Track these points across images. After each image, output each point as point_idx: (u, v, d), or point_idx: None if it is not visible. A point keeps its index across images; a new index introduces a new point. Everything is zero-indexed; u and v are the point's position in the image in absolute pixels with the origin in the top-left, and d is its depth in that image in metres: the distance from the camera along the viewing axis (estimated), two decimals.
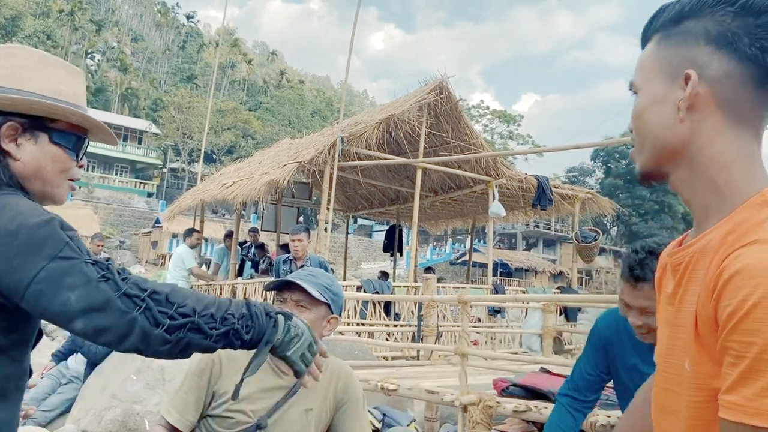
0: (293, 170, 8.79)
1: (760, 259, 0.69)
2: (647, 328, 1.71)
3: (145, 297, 1.01)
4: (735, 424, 0.69)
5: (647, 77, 0.87)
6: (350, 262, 22.50)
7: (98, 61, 68.23)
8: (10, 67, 1.15)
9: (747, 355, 0.68)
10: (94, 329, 0.99)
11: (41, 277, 0.97)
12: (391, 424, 4.43)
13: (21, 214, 1.01)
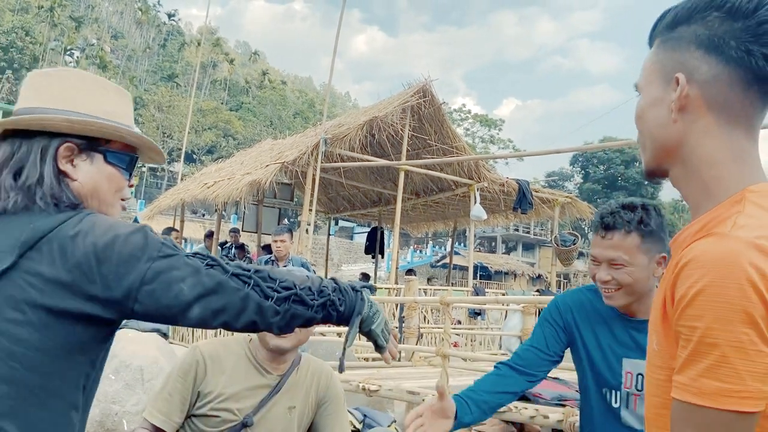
0: (276, 171, 8.76)
1: (708, 249, 0.74)
2: (616, 283, 1.67)
3: (251, 275, 1.08)
4: (680, 402, 0.74)
5: (647, 80, 0.90)
6: (331, 263, 22.45)
7: (77, 58, 67.28)
8: (63, 89, 1.18)
9: (692, 339, 0.73)
10: (212, 312, 1.05)
11: (149, 277, 1.02)
12: (371, 424, 4.43)
13: (113, 227, 1.06)
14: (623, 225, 1.65)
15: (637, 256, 1.65)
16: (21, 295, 1.00)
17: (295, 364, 1.95)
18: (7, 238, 1.03)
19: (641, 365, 1.69)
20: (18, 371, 0.99)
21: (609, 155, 49.32)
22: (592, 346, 1.78)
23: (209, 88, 75.10)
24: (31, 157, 1.12)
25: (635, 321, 1.74)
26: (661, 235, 1.68)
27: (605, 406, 1.76)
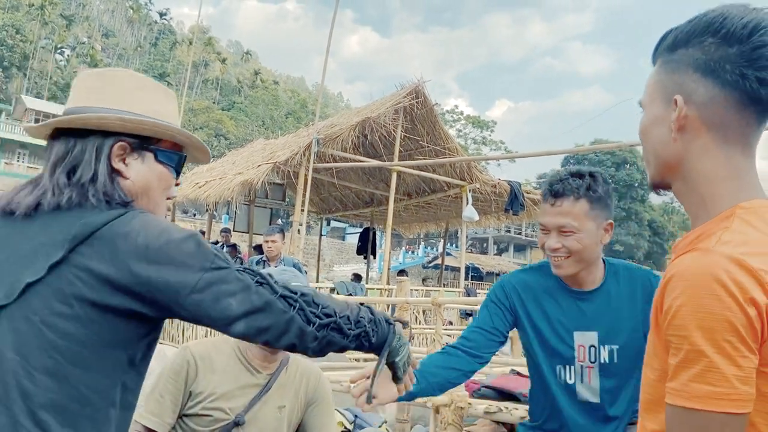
0: (268, 171, 8.75)
1: (691, 264, 0.80)
2: (566, 250, 1.68)
3: (298, 298, 1.09)
4: (674, 407, 0.79)
5: (650, 98, 0.95)
6: (323, 264, 22.43)
7: (68, 56, 66.89)
8: (115, 89, 1.20)
9: (681, 348, 0.78)
10: (256, 329, 1.06)
11: (200, 287, 1.03)
12: (362, 425, 4.43)
13: (166, 230, 1.06)
14: (572, 192, 1.67)
15: (586, 223, 1.67)
16: (69, 289, 1.01)
17: (284, 363, 1.96)
18: (58, 233, 1.04)
19: (592, 337, 1.72)
20: (61, 365, 1.00)
21: (600, 157, 49.58)
22: (542, 323, 1.78)
23: (201, 88, 74.84)
24: (85, 155, 1.13)
25: (583, 293, 1.75)
26: (607, 202, 1.71)
27: (559, 384, 1.76)
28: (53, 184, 1.10)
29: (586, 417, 1.74)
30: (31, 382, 0.99)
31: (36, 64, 60.85)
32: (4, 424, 0.97)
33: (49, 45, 63.41)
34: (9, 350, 1.00)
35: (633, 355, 1.71)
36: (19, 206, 1.08)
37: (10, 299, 1.02)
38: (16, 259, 1.05)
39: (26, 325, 1.01)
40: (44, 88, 60.09)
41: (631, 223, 49.46)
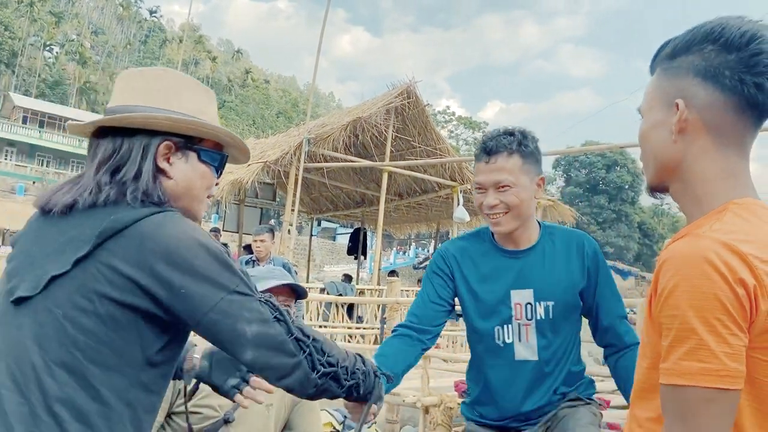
0: (258, 170, 8.71)
1: (682, 248, 0.84)
2: (504, 206, 1.72)
3: (309, 343, 1.10)
4: (667, 386, 0.83)
5: (649, 105, 1.00)
6: (313, 264, 22.38)
7: (56, 53, 66.36)
8: (160, 89, 1.21)
9: (672, 328, 0.82)
10: (262, 364, 1.07)
11: (220, 308, 1.04)
12: (351, 425, 4.42)
13: (196, 240, 1.06)
14: (505, 148, 1.72)
15: (520, 177, 1.72)
16: (92, 285, 1.02)
17: None
18: (87, 229, 1.05)
19: (528, 294, 1.76)
20: (79, 361, 1.01)
21: (591, 159, 49.84)
22: (479, 285, 1.80)
23: None
24: (132, 154, 1.14)
25: (518, 252, 1.80)
26: (538, 158, 1.78)
27: (497, 346, 1.78)
28: (95, 182, 1.11)
29: (523, 378, 1.77)
30: (48, 375, 1.00)
31: (24, 62, 60.32)
32: (25, 414, 0.98)
33: (38, 42, 62.89)
34: (31, 342, 1.01)
35: (567, 311, 1.76)
36: (56, 205, 1.09)
37: (35, 291, 1.03)
38: (47, 253, 1.06)
39: (48, 318, 1.02)
40: (33, 85, 59.59)
41: (621, 225, 49.77)
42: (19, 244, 1.14)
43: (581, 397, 1.81)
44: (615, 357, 1.81)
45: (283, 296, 2.00)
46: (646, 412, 0.91)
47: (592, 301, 1.80)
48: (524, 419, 1.79)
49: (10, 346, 1.03)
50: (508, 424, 1.80)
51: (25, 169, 43.86)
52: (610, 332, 1.80)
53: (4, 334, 1.05)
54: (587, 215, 43.43)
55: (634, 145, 7.04)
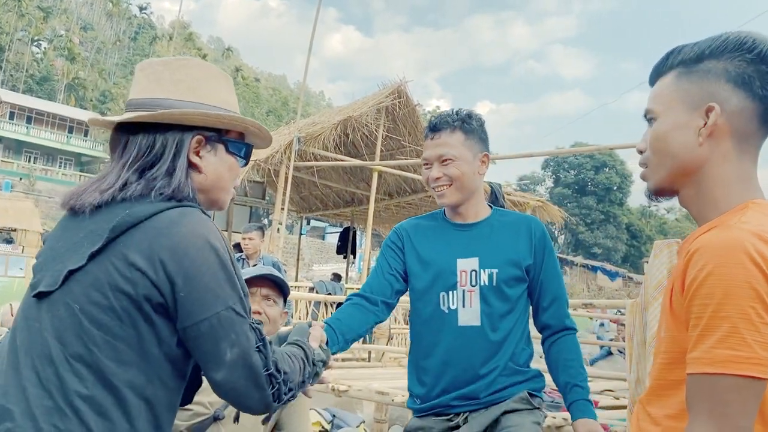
0: (248, 168, 8.67)
1: (714, 238, 0.85)
2: (447, 179, 1.83)
3: (280, 380, 1.11)
4: (695, 375, 0.83)
5: (667, 105, 1.00)
6: (302, 263, 22.33)
7: (44, 48, 65.66)
8: (187, 80, 1.20)
9: (704, 316, 0.82)
10: (229, 387, 1.06)
11: (211, 323, 1.04)
12: (340, 425, 4.42)
13: (209, 244, 1.06)
14: (448, 125, 1.85)
15: (463, 151, 1.83)
16: (106, 279, 1.02)
17: None
18: (104, 223, 1.05)
19: (474, 262, 1.84)
20: (96, 356, 1.01)
21: (579, 160, 50.09)
22: (428, 254, 1.89)
23: None
24: (166, 150, 1.13)
25: (466, 225, 1.90)
26: (482, 136, 1.89)
27: (442, 312, 1.83)
28: (121, 180, 1.10)
29: (466, 342, 1.80)
30: (67, 370, 1.00)
31: (12, 57, 59.64)
32: (50, 408, 0.99)
33: (26, 37, 62.21)
34: (50, 336, 1.02)
35: (512, 281, 1.83)
36: (85, 206, 1.09)
37: (54, 286, 1.05)
38: (67, 249, 1.08)
39: (66, 313, 1.03)
40: (20, 80, 58.93)
41: (609, 226, 50.05)
42: (48, 242, 1.16)
43: (530, 399, 1.81)
44: (549, 341, 1.88)
45: (266, 289, 1.98)
46: (665, 410, 0.91)
47: (537, 280, 1.88)
48: (471, 396, 1.79)
49: (32, 341, 1.04)
50: (450, 401, 1.81)
51: (12, 165, 43.38)
52: (549, 312, 1.87)
53: (28, 328, 1.06)
54: (576, 216, 43.64)
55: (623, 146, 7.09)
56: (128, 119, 1.15)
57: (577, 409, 1.78)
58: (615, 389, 4.27)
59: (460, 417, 1.80)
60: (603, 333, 13.03)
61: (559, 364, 1.85)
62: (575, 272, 38.83)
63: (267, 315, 1.95)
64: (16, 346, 1.05)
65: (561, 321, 1.87)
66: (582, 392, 1.80)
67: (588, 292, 35.49)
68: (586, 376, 1.84)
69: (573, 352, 1.85)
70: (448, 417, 1.82)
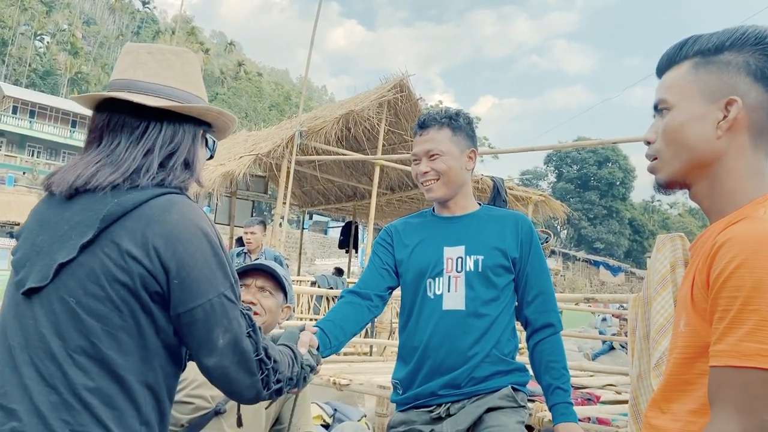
0: (250, 162, 8.67)
1: (744, 230, 0.84)
2: (434, 173, 1.89)
3: (270, 366, 1.12)
4: (719, 368, 0.81)
5: (684, 96, 0.98)
6: (304, 258, 22.36)
7: (47, 43, 65.69)
8: (191, 73, 1.22)
9: (731, 309, 0.80)
10: (221, 373, 1.08)
11: (204, 309, 1.05)
12: (341, 419, 4.42)
13: (202, 230, 1.07)
14: (436, 122, 1.92)
15: (450, 146, 1.89)
16: (101, 270, 1.01)
17: None
18: (92, 213, 1.04)
19: (460, 250, 1.88)
20: (99, 349, 1.01)
21: (582, 155, 49.99)
22: (416, 245, 1.94)
23: None
24: (184, 142, 1.16)
25: (453, 217, 1.95)
26: (469, 133, 1.94)
27: (428, 298, 1.87)
28: (147, 165, 1.10)
29: (450, 326, 1.83)
30: (71, 365, 1.00)
31: (15, 51, 59.65)
32: (56, 404, 0.99)
33: (29, 31, 62.23)
34: (48, 332, 1.01)
35: (497, 269, 1.86)
36: (89, 183, 1.07)
37: (45, 281, 1.03)
38: (53, 241, 1.05)
39: (62, 307, 1.02)
40: (23, 75, 59.00)
41: (612, 221, 49.99)
42: (25, 237, 1.12)
43: (514, 396, 1.82)
44: (533, 339, 1.90)
45: (261, 281, 1.96)
46: (687, 405, 0.89)
47: (522, 274, 1.90)
48: (452, 384, 1.80)
49: (27, 338, 1.02)
50: (432, 390, 1.82)
51: (15, 160, 43.50)
52: (533, 306, 1.90)
53: (20, 326, 1.04)
54: (578, 211, 43.61)
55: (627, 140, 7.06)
56: (165, 106, 1.14)
57: (559, 412, 1.80)
58: (617, 384, 4.26)
59: (441, 408, 1.81)
60: (605, 328, 13.02)
61: (542, 365, 1.86)
62: (577, 267, 38.81)
63: (263, 306, 1.93)
64: (10, 345, 1.03)
65: (544, 316, 1.88)
66: (564, 395, 1.81)
67: (590, 287, 35.49)
68: (568, 377, 1.85)
69: (556, 354, 1.86)
70: (429, 409, 1.83)
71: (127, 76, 1.17)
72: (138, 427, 1.05)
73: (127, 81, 1.16)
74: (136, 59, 1.19)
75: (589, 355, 11.13)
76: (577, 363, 5.28)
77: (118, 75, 1.19)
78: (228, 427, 1.82)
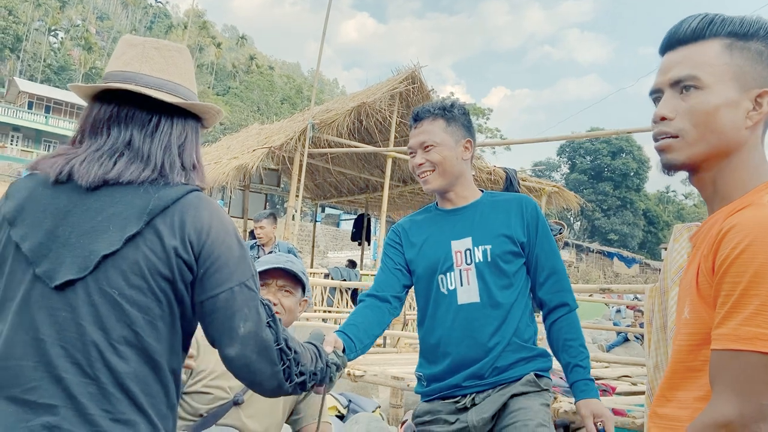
0: (263, 156, 8.69)
1: (749, 216, 0.85)
2: (430, 164, 1.90)
3: (291, 356, 1.14)
4: (719, 351, 0.82)
5: (719, 78, 0.95)
6: (317, 251, 22.42)
7: (61, 38, 66.17)
8: (189, 71, 1.25)
9: (734, 293, 0.81)
10: (242, 363, 1.10)
11: (227, 297, 1.08)
12: (356, 410, 4.44)
13: (226, 224, 1.13)
14: (430, 113, 1.93)
15: (444, 137, 1.90)
16: (145, 263, 1.04)
17: None
18: (130, 206, 1.07)
19: (467, 242, 1.88)
20: (141, 337, 1.04)
21: (596, 146, 49.58)
22: (424, 242, 1.95)
23: (196, 73, 73.77)
24: (189, 138, 1.19)
25: (457, 209, 1.95)
26: (464, 123, 1.95)
27: (442, 294, 1.88)
28: (163, 161, 1.12)
29: (468, 320, 1.83)
30: (114, 355, 1.02)
31: (29, 47, 60.17)
32: (95, 394, 1.00)
33: (43, 27, 62.72)
34: (88, 323, 1.02)
35: (507, 256, 1.86)
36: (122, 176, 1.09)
37: (84, 272, 1.04)
38: (84, 232, 1.05)
39: (103, 299, 1.03)
40: (38, 70, 59.51)
41: (626, 212, 49.60)
42: (28, 222, 1.08)
43: (537, 381, 1.82)
44: (549, 320, 1.89)
45: (282, 280, 1.98)
46: (694, 392, 0.90)
47: (532, 256, 1.90)
48: (476, 375, 1.81)
49: (60, 331, 1.02)
50: (460, 382, 1.83)
51: (31, 155, 43.93)
52: (545, 287, 1.89)
53: (52, 319, 1.03)
54: (592, 202, 43.31)
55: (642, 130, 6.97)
56: (179, 103, 1.17)
57: (579, 389, 1.79)
58: (632, 375, 4.25)
59: (467, 398, 1.82)
60: (619, 319, 12.96)
61: (560, 344, 1.86)
62: (591, 259, 38.59)
63: (283, 305, 1.96)
64: (39, 339, 1.02)
65: (558, 296, 1.88)
66: (583, 372, 1.80)
67: (604, 279, 35.28)
68: (587, 355, 1.84)
69: (573, 332, 1.85)
70: (455, 399, 1.83)
71: (132, 69, 1.17)
72: (166, 411, 1.09)
73: (131, 74, 1.16)
74: (142, 53, 1.19)
75: (604, 346, 11.09)
76: (592, 354, 5.25)
77: (121, 66, 1.18)
78: (246, 417, 1.83)
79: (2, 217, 1.11)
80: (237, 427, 1.80)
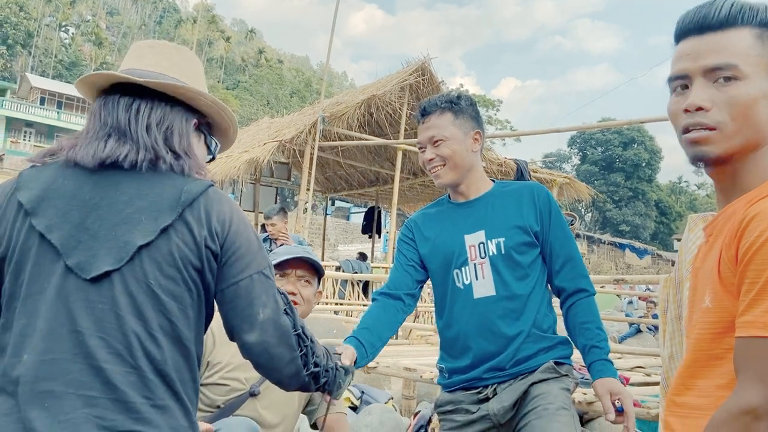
0: (273, 149, 8.72)
1: None
2: (440, 159, 1.89)
3: (308, 343, 1.18)
4: (744, 338, 0.81)
5: (757, 69, 0.91)
6: (327, 244, 22.48)
7: (72, 34, 66.52)
8: (189, 68, 1.28)
9: (759, 281, 0.80)
10: (262, 349, 1.13)
11: (246, 284, 1.13)
12: (369, 401, 4.47)
13: (244, 216, 1.19)
14: (437, 107, 1.93)
15: (453, 131, 1.89)
16: (178, 253, 1.08)
17: None
18: (163, 198, 1.10)
19: (480, 235, 1.88)
20: (176, 326, 1.08)
21: (607, 136, 49.21)
22: (437, 237, 1.95)
23: (205, 67, 73.90)
24: (176, 124, 1.20)
25: (467, 202, 1.95)
26: (472, 114, 1.94)
27: (458, 289, 1.88)
28: (149, 144, 1.14)
29: (485, 313, 1.84)
30: (153, 344, 1.06)
31: (40, 42, 60.54)
32: (135, 382, 1.03)
33: (54, 23, 63.08)
34: (127, 313, 1.05)
35: (521, 247, 1.85)
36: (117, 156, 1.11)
37: (121, 263, 1.05)
38: (115, 224, 1.07)
39: (141, 288, 1.06)
40: (49, 66, 59.89)
41: (638, 203, 49.25)
42: (52, 212, 1.08)
43: (556, 368, 1.82)
44: (566, 305, 1.89)
45: (301, 270, 2.00)
46: (715, 380, 0.89)
47: (547, 244, 1.89)
48: (497, 367, 1.81)
49: (98, 322, 1.04)
50: (482, 374, 1.83)
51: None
52: (562, 274, 1.89)
53: (89, 311, 1.04)
54: (603, 193, 43.01)
55: (654, 120, 6.92)
56: (144, 82, 1.18)
57: (596, 369, 1.78)
58: (645, 366, 4.24)
59: (488, 389, 1.83)
60: (631, 311, 12.89)
61: (576, 328, 1.85)
62: (602, 250, 38.39)
63: (302, 296, 1.98)
64: (77, 331, 1.02)
65: (575, 282, 1.87)
66: (600, 352, 1.79)
67: (616, 270, 35.12)
68: (605, 336, 1.83)
69: (589, 314, 1.84)
70: (477, 390, 1.84)
71: (127, 67, 1.26)
72: (192, 395, 1.14)
73: (126, 71, 1.23)
74: (138, 54, 1.27)
75: (616, 338, 11.06)
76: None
77: (122, 67, 1.27)
78: (262, 408, 1.85)
79: (18, 206, 1.09)
80: (254, 417, 1.81)
